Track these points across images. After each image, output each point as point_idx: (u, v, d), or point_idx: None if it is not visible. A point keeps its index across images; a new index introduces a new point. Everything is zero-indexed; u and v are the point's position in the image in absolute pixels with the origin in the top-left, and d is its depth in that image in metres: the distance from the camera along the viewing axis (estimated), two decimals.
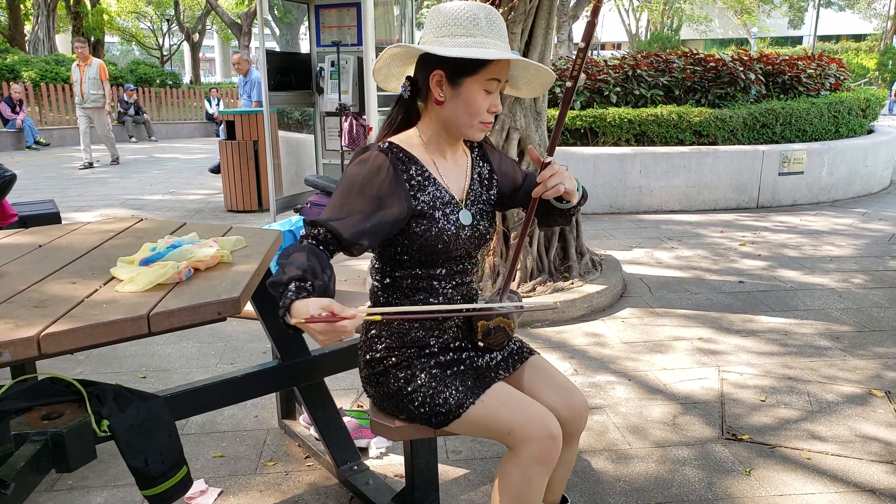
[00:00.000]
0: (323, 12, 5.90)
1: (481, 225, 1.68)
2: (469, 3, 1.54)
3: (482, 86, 1.54)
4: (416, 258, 1.62)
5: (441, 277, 1.66)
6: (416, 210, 1.58)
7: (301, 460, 2.49)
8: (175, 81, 19.50)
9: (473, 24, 1.51)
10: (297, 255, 1.40)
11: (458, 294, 1.69)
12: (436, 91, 1.56)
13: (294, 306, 1.29)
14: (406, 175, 1.58)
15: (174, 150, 14.14)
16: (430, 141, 1.64)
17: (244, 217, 6.95)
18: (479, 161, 1.75)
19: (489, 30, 1.52)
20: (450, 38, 1.52)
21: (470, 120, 1.57)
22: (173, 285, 1.62)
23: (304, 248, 1.42)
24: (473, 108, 1.55)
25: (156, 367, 3.28)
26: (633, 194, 6.75)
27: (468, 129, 1.59)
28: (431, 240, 1.59)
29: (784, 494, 2.24)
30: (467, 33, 1.51)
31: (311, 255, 1.41)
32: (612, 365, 3.28)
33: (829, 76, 8.17)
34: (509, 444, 1.57)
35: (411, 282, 1.65)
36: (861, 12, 36.64)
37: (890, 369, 3.19)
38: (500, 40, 1.54)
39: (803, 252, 5.27)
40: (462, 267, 1.69)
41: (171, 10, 28.42)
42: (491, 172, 1.75)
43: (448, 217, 1.61)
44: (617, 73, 7.24)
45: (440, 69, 1.53)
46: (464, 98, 1.54)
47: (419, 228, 1.58)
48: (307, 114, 7.02)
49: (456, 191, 1.66)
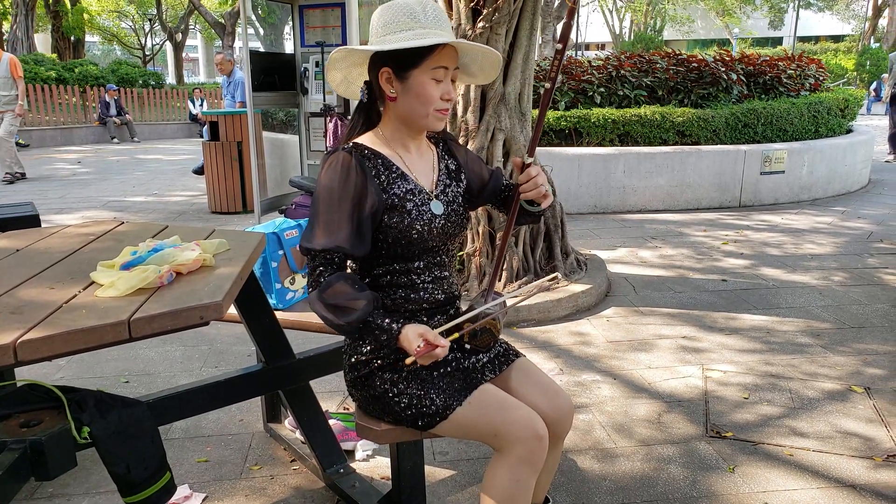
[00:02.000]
0: (307, 12, 5.87)
1: (453, 215, 1.69)
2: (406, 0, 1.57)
3: (429, 75, 1.56)
4: (392, 252, 1.63)
5: (419, 271, 1.67)
6: (387, 203, 1.59)
7: (287, 464, 2.47)
8: (158, 82, 19.32)
9: (411, 17, 1.54)
10: (342, 288, 1.52)
11: (437, 288, 1.70)
12: (387, 88, 1.59)
13: (401, 336, 1.50)
14: (374, 171, 1.60)
15: (157, 151, 14.01)
16: (393, 137, 1.66)
17: (228, 219, 6.91)
18: (445, 155, 1.78)
19: (426, 20, 1.55)
20: (391, 35, 1.55)
21: (425, 110, 1.59)
22: (155, 290, 1.60)
23: (340, 278, 1.54)
24: (425, 98, 1.57)
25: (139, 371, 3.25)
26: (617, 194, 6.79)
27: (425, 119, 1.61)
28: (405, 230, 1.60)
29: (767, 491, 2.26)
30: (406, 27, 1.54)
31: (350, 280, 1.55)
32: (597, 364, 3.29)
33: (809, 77, 8.26)
34: (496, 446, 1.57)
35: (390, 278, 1.66)
36: (839, 14, 37.07)
37: (869, 365, 3.23)
38: (441, 28, 1.57)
39: (785, 250, 5.32)
40: (439, 259, 1.70)
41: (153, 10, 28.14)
42: (458, 167, 1.78)
43: (420, 208, 1.62)
44: (601, 74, 7.28)
45: (387, 66, 1.57)
46: (414, 90, 1.57)
47: (392, 221, 1.59)
48: (291, 114, 6.98)
49: (425, 182, 1.68)
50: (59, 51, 21.53)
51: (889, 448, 2.52)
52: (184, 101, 18.17)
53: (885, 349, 3.42)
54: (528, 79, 4.25)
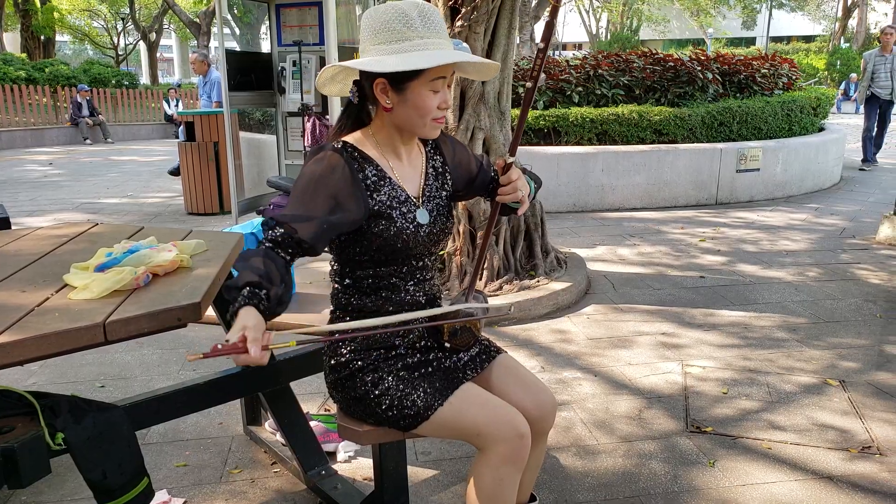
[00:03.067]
0: (284, 11, 5.82)
1: (439, 222, 1.67)
2: (401, 4, 1.50)
3: (428, 87, 1.52)
4: (376, 258, 1.61)
5: (402, 275, 1.65)
6: (372, 210, 1.56)
7: (267, 467, 2.45)
8: (132, 82, 19.05)
9: (407, 25, 1.48)
10: (255, 260, 1.39)
11: (420, 291, 1.68)
12: (382, 98, 1.54)
13: (239, 314, 1.30)
14: (361, 175, 1.57)
15: (132, 152, 13.82)
16: (385, 142, 1.63)
17: (205, 220, 6.83)
18: (433, 154, 1.74)
19: (424, 29, 1.49)
20: (385, 45, 1.49)
21: (422, 121, 1.55)
22: (131, 291, 1.57)
23: (260, 253, 1.41)
24: (423, 110, 1.53)
25: (115, 375, 3.19)
26: (595, 193, 6.82)
27: (421, 129, 1.58)
28: (390, 240, 1.58)
29: (746, 484, 2.29)
30: (403, 37, 1.49)
31: (268, 259, 1.40)
32: (577, 361, 3.30)
33: (782, 76, 8.38)
34: (479, 446, 1.57)
35: (372, 281, 1.64)
36: (810, 14, 37.66)
37: (843, 359, 3.27)
38: (438, 36, 1.51)
39: (761, 247, 5.39)
40: (422, 264, 1.69)
41: (125, 9, 27.74)
42: (444, 165, 1.74)
43: (405, 216, 1.60)
44: (579, 73, 7.31)
45: (383, 77, 1.51)
46: (412, 102, 1.52)
47: (377, 229, 1.57)
48: (269, 114, 6.92)
49: (412, 190, 1.65)
50: (29, 50, 21.13)
51: (864, 440, 2.56)
52: (158, 101, 17.94)
53: (859, 343, 3.47)
54: (507, 78, 4.26)
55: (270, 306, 1.34)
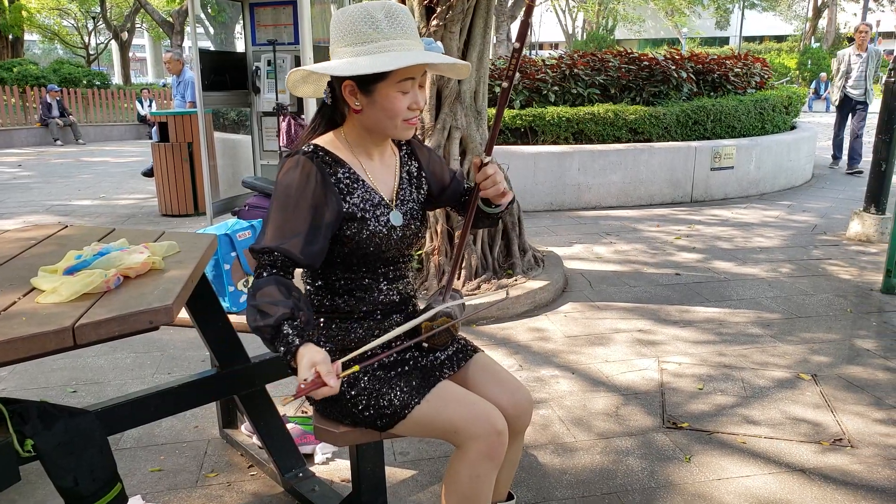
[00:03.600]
0: (258, 10, 5.77)
1: (413, 225, 1.67)
2: (367, 4, 1.48)
3: (396, 89, 1.50)
4: (348, 261, 1.60)
5: (375, 276, 1.65)
6: (346, 213, 1.55)
7: (244, 470, 2.42)
8: (103, 82, 18.75)
9: (373, 27, 1.47)
10: (270, 291, 1.42)
11: (393, 291, 1.68)
12: (350, 100, 1.53)
13: (298, 355, 1.35)
14: (334, 178, 1.56)
15: (104, 153, 13.61)
16: (357, 143, 1.62)
17: (180, 221, 6.75)
18: (408, 159, 1.74)
19: (391, 29, 1.48)
20: (352, 47, 1.48)
21: (392, 122, 1.54)
22: (101, 294, 1.54)
23: (272, 281, 1.44)
24: (392, 112, 1.52)
25: (87, 380, 3.14)
26: (572, 191, 6.86)
27: (393, 130, 1.57)
28: (363, 243, 1.57)
29: (722, 478, 2.31)
30: (368, 39, 1.47)
31: (281, 285, 1.43)
32: (555, 359, 3.32)
33: (755, 75, 8.49)
34: (456, 443, 1.57)
35: (344, 283, 1.63)
36: (782, 14, 38.24)
37: (816, 353, 3.33)
38: (405, 37, 1.49)
39: (735, 244, 5.45)
40: (395, 266, 1.68)
41: (96, 8, 27.29)
42: (419, 170, 1.74)
43: (378, 219, 1.59)
44: (555, 73, 7.34)
45: (350, 80, 1.50)
46: (380, 104, 1.51)
47: (350, 231, 1.56)
48: (243, 114, 6.85)
49: (385, 192, 1.64)
50: None
51: (835, 433, 2.60)
52: (131, 101, 17.68)
53: (830, 337, 3.53)
54: (483, 77, 4.26)
55: (309, 330, 1.40)
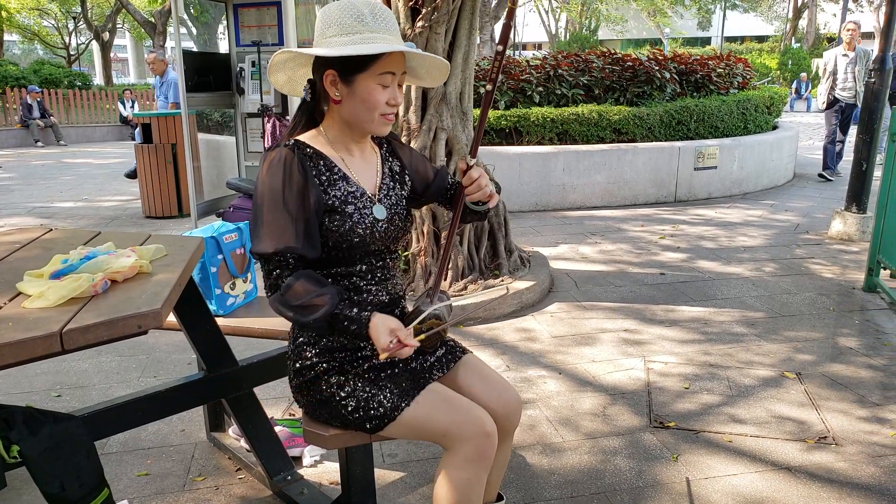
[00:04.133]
0: (242, 11, 5.75)
1: (397, 218, 1.68)
2: (354, 0, 1.53)
3: (376, 81, 1.53)
4: (333, 255, 1.61)
5: (361, 274, 1.65)
6: (327, 205, 1.57)
7: (232, 473, 2.41)
8: (85, 82, 18.56)
9: (358, 20, 1.51)
10: (303, 287, 1.50)
11: (382, 290, 1.68)
12: (331, 91, 1.56)
13: (372, 326, 1.48)
14: (315, 171, 1.57)
15: (86, 154, 13.47)
16: (336, 139, 1.64)
17: (164, 223, 6.70)
18: (389, 157, 1.76)
19: (375, 24, 1.52)
20: (336, 38, 1.52)
21: (370, 115, 1.56)
22: (88, 299, 1.53)
23: (298, 278, 1.50)
24: (371, 104, 1.55)
25: (71, 384, 3.11)
26: (557, 192, 6.89)
27: (370, 124, 1.59)
28: (345, 234, 1.57)
29: (709, 477, 2.33)
30: (353, 30, 1.51)
31: (308, 278, 1.51)
32: (542, 359, 3.33)
33: (737, 75, 8.57)
34: (445, 445, 1.57)
35: (332, 280, 1.63)
36: (763, 15, 38.62)
37: (799, 352, 3.37)
38: (388, 33, 1.54)
39: (719, 243, 5.50)
40: (382, 262, 1.68)
41: (77, 7, 26.98)
42: (402, 168, 1.76)
43: (361, 211, 1.60)
44: (539, 73, 7.37)
45: (332, 69, 1.54)
46: (360, 95, 1.54)
47: (332, 224, 1.57)
48: (227, 115, 6.82)
49: (368, 185, 1.65)
50: None
51: (820, 430, 2.63)
52: (113, 102, 17.50)
53: (814, 336, 3.57)
54: (469, 78, 4.27)
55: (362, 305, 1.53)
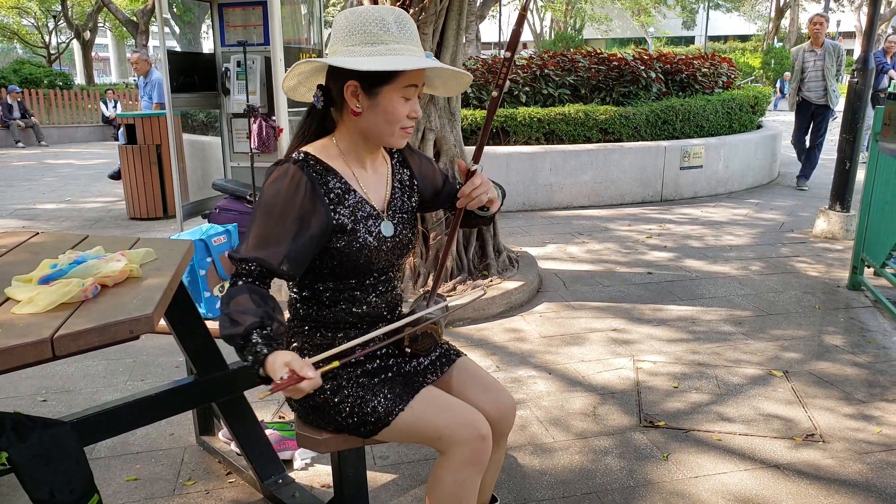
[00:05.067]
0: (227, 11, 5.69)
1: (403, 235, 1.65)
2: (377, 7, 1.49)
3: (400, 94, 1.49)
4: (337, 272, 1.58)
5: (363, 288, 1.63)
6: (335, 225, 1.53)
7: (222, 477, 2.40)
8: (66, 82, 18.35)
9: (384, 29, 1.46)
10: (242, 300, 1.40)
11: (382, 302, 1.67)
12: (352, 102, 1.50)
13: (266, 363, 1.32)
14: (324, 189, 1.53)
15: (68, 155, 13.32)
16: (349, 150, 1.59)
17: (149, 225, 6.64)
18: (399, 167, 1.72)
19: (400, 34, 1.48)
20: (360, 47, 1.46)
21: (391, 128, 1.53)
22: (79, 304, 1.52)
23: (245, 290, 1.42)
24: (393, 117, 1.50)
25: (57, 388, 3.08)
26: (544, 192, 6.91)
27: (389, 137, 1.55)
28: (353, 255, 1.55)
29: (699, 476, 2.35)
30: (378, 40, 1.46)
31: (255, 294, 1.41)
32: (531, 359, 3.34)
33: (722, 75, 8.63)
34: (440, 449, 1.57)
35: (332, 294, 1.61)
36: (746, 15, 38.94)
37: (786, 350, 3.40)
38: (413, 44, 1.50)
39: (706, 242, 5.54)
40: (385, 277, 1.66)
41: (57, 6, 26.65)
42: (411, 178, 1.73)
43: (370, 230, 1.57)
44: (525, 73, 7.38)
45: (354, 80, 1.48)
46: (382, 107, 1.50)
47: (340, 244, 1.54)
48: (213, 116, 6.77)
49: (377, 201, 1.62)
50: None
51: (807, 428, 2.66)
52: (95, 102, 17.32)
53: (800, 334, 3.61)
54: None
55: (278, 340, 1.38)
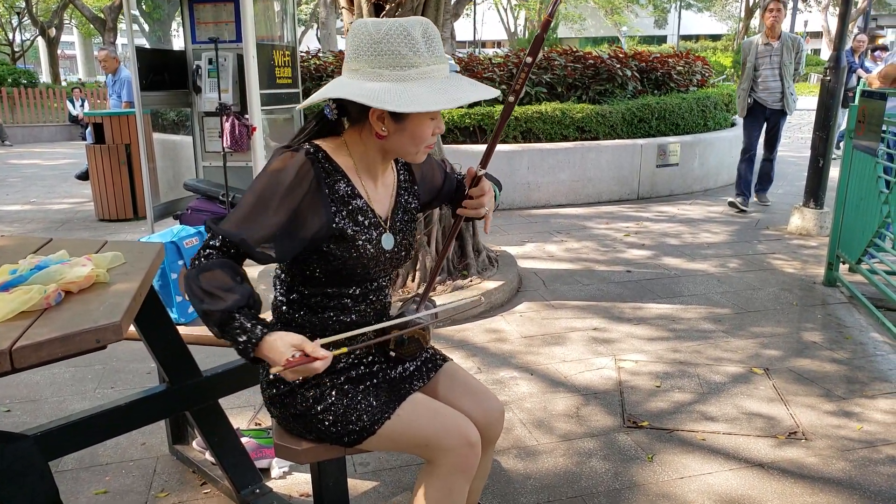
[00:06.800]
0: (198, 7, 5.57)
1: (403, 245, 1.60)
2: (401, 22, 1.37)
3: (429, 115, 1.43)
4: (331, 278, 1.51)
5: (354, 296, 1.56)
6: (335, 229, 1.46)
7: (197, 488, 2.32)
8: (30, 80, 17.91)
9: (413, 50, 1.36)
10: (219, 275, 1.33)
11: (370, 310, 1.60)
12: (377, 126, 1.42)
13: (265, 343, 1.29)
14: (329, 189, 1.45)
15: (33, 155, 12.99)
16: (360, 159, 1.51)
17: (119, 226, 6.48)
18: (404, 172, 1.66)
19: (430, 53, 1.38)
20: (390, 71, 1.36)
21: (416, 148, 1.47)
22: (41, 312, 1.43)
23: (223, 265, 1.35)
24: (420, 139, 1.45)
25: (22, 397, 2.96)
26: (522, 190, 6.88)
27: (413, 156, 1.50)
28: (349, 262, 1.49)
29: (684, 476, 2.33)
30: (409, 64, 1.36)
31: (235, 273, 1.36)
32: (513, 360, 3.30)
33: (696, 73, 8.69)
34: (427, 457, 1.52)
35: (320, 299, 1.54)
36: (717, 14, 39.45)
37: (766, 347, 3.40)
38: (442, 61, 1.41)
39: (683, 240, 5.55)
40: (376, 286, 1.60)
41: (21, 3, 26.04)
42: (412, 184, 1.67)
43: (370, 240, 1.51)
44: (502, 71, 7.35)
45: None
46: (409, 131, 1.43)
47: (338, 250, 1.47)
48: (184, 114, 6.63)
49: (381, 211, 1.56)
50: None
51: (790, 426, 2.65)
52: (61, 101, 16.93)
53: (779, 331, 3.62)
54: None
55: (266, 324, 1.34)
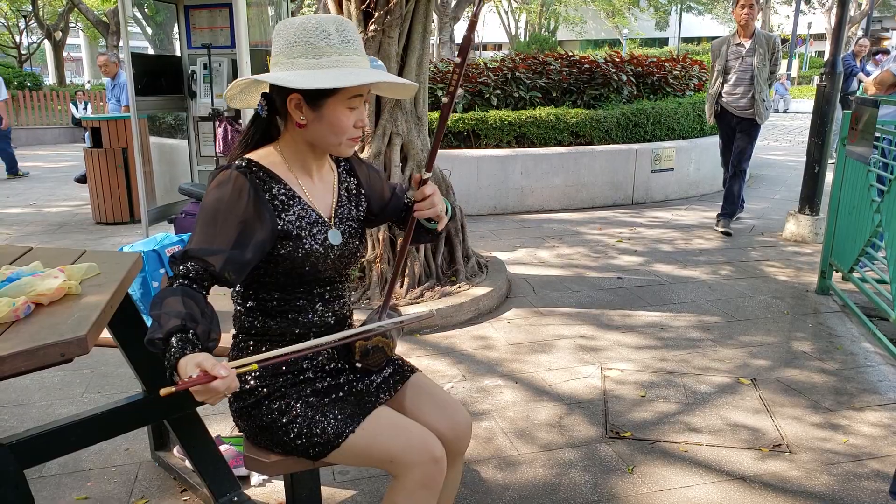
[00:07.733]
0: (193, 13, 5.59)
1: (351, 243, 1.61)
2: (319, 17, 1.44)
3: (345, 105, 1.46)
4: (282, 281, 1.53)
5: (310, 297, 1.58)
6: (280, 231, 1.49)
7: (177, 495, 2.32)
8: (35, 83, 17.98)
9: (325, 41, 1.43)
10: (171, 301, 1.31)
11: (328, 312, 1.62)
12: (296, 114, 1.47)
13: (179, 365, 1.22)
14: (268, 195, 1.49)
15: (36, 157, 13.04)
16: (294, 158, 1.55)
17: (115, 229, 6.51)
18: (346, 175, 1.68)
19: (343, 45, 1.44)
20: (301, 59, 1.43)
21: (337, 139, 1.50)
22: (8, 325, 1.44)
23: (176, 291, 1.33)
24: (339, 128, 1.48)
25: (10, 401, 2.97)
26: (515, 195, 6.88)
27: (336, 147, 1.52)
28: (298, 262, 1.50)
29: (665, 489, 2.32)
30: (320, 52, 1.42)
31: (186, 297, 1.32)
32: (499, 368, 3.30)
33: (693, 77, 8.68)
34: (392, 472, 1.52)
35: (277, 304, 1.56)
36: (718, 17, 39.39)
37: (754, 357, 3.40)
38: (356, 54, 1.47)
39: (676, 246, 5.55)
40: (332, 287, 1.62)
41: (28, 6, 26.13)
42: (358, 187, 1.69)
43: (315, 237, 1.53)
44: (497, 76, 7.35)
45: (298, 93, 1.45)
46: (327, 119, 1.47)
47: (285, 250, 1.49)
48: (180, 119, 6.64)
49: (323, 209, 1.58)
50: None
51: (774, 438, 2.65)
52: (65, 103, 16.99)
53: (769, 340, 3.61)
54: (423, 82, 4.22)
55: (201, 344, 1.27)
